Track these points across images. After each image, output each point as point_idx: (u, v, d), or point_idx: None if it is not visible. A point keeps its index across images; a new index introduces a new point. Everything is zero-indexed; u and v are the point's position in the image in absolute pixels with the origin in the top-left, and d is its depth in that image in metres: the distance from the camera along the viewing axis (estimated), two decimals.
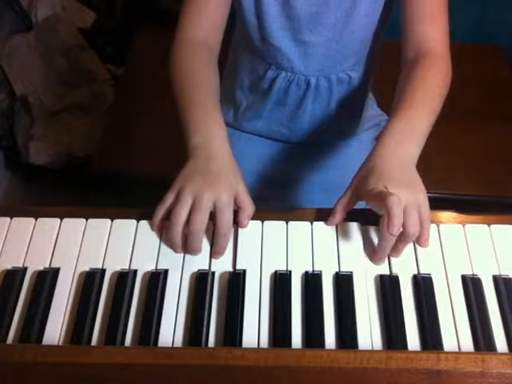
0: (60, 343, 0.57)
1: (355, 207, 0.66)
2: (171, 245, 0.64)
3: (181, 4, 0.80)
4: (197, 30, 0.79)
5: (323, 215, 0.66)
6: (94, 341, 0.57)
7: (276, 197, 1.02)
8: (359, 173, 0.66)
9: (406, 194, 0.60)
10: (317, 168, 1.02)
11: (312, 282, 0.60)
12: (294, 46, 0.84)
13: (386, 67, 0.79)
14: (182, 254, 0.64)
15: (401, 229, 0.59)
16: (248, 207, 0.65)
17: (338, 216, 0.65)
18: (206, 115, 0.70)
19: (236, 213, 0.64)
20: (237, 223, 0.65)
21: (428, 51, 0.76)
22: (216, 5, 0.80)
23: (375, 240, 0.64)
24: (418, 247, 0.63)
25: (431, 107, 0.71)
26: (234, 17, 0.87)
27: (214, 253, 0.63)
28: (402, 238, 0.60)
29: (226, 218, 0.62)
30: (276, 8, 0.80)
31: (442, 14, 0.77)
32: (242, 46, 0.91)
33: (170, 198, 0.64)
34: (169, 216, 0.63)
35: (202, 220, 0.61)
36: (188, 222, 0.61)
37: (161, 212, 0.64)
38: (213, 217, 0.62)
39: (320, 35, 0.82)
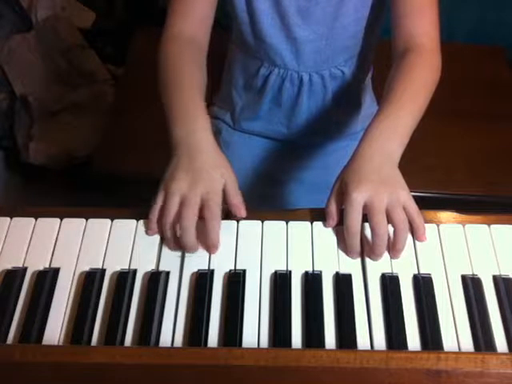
0: (60, 343, 0.57)
1: None
2: (167, 245, 0.64)
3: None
4: (184, 26, 0.79)
5: (323, 215, 0.66)
6: (94, 341, 0.57)
7: (276, 195, 1.02)
8: (341, 174, 0.66)
9: (386, 193, 0.61)
10: (318, 167, 1.02)
11: (312, 282, 0.60)
12: (285, 42, 0.84)
13: (387, 66, 0.79)
14: (182, 254, 0.64)
15: (390, 232, 0.61)
16: (234, 198, 0.64)
17: (333, 219, 0.65)
18: (187, 110, 0.70)
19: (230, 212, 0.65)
20: (237, 219, 0.65)
21: (417, 46, 0.76)
22: (203, 1, 0.80)
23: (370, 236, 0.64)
24: (418, 247, 0.63)
25: (417, 104, 0.71)
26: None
27: (208, 246, 0.63)
28: (395, 236, 0.61)
29: (212, 209, 0.62)
30: (266, 5, 0.81)
31: (432, 8, 0.77)
32: (236, 46, 0.92)
33: (159, 201, 0.64)
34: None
35: (190, 215, 0.61)
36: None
37: (154, 215, 0.64)
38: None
39: (310, 31, 0.82)
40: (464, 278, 0.61)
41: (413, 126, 0.69)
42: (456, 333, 0.57)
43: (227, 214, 0.66)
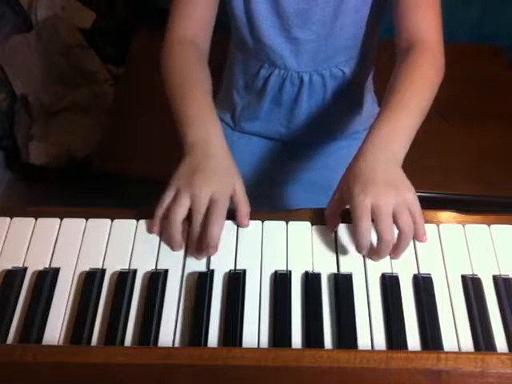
0: (60, 343, 0.57)
1: None
2: (169, 243, 0.64)
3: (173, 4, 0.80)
4: (185, 30, 0.79)
5: (323, 215, 0.66)
6: (94, 341, 0.57)
7: (277, 195, 1.02)
8: (345, 176, 0.66)
9: (393, 195, 0.60)
10: (317, 168, 1.02)
11: (312, 282, 0.60)
12: (285, 43, 0.84)
13: (388, 66, 0.79)
14: (182, 254, 0.64)
15: (395, 235, 0.60)
16: (244, 206, 0.65)
17: (332, 222, 0.65)
18: (201, 113, 0.70)
19: (234, 214, 0.65)
20: (237, 224, 0.65)
21: (420, 42, 0.75)
22: (204, 5, 0.80)
23: (374, 237, 0.64)
24: (418, 247, 0.63)
25: (420, 104, 0.70)
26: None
27: (207, 246, 0.62)
28: (400, 239, 0.60)
29: (217, 209, 0.61)
30: (265, 6, 0.80)
31: (435, 7, 0.76)
32: (236, 47, 0.92)
33: (168, 198, 0.64)
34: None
35: (199, 216, 0.61)
36: (188, 219, 0.62)
37: (160, 212, 0.64)
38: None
39: (310, 31, 0.82)
40: (464, 277, 0.61)
41: (416, 125, 0.69)
42: (456, 333, 0.57)
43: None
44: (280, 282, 0.60)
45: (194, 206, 0.62)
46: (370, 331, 0.57)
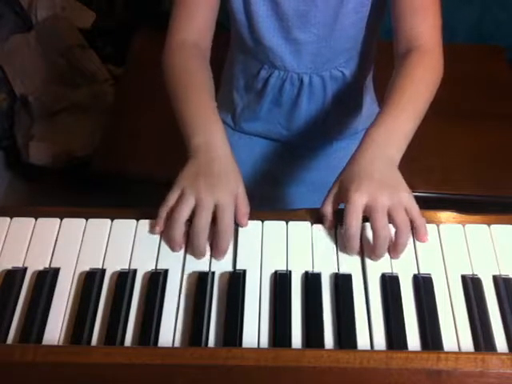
0: (60, 343, 0.57)
1: None
2: (170, 243, 0.64)
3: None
4: (188, 32, 0.79)
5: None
6: (94, 341, 0.57)
7: (277, 196, 1.02)
8: (343, 174, 0.66)
9: (389, 194, 0.61)
10: (319, 168, 1.02)
11: (312, 282, 0.60)
12: (284, 44, 0.84)
13: (388, 66, 0.79)
14: (182, 254, 0.64)
15: (392, 232, 0.61)
16: (243, 206, 0.65)
17: (330, 220, 0.65)
18: (205, 117, 0.70)
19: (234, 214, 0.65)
20: (237, 224, 0.65)
21: (418, 46, 0.75)
22: (206, 7, 0.80)
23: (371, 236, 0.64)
24: (418, 247, 0.63)
25: (417, 106, 0.71)
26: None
27: (216, 251, 0.63)
28: (397, 237, 0.61)
29: (227, 215, 0.62)
30: (264, 8, 0.80)
31: (434, 8, 0.76)
32: (236, 47, 0.92)
33: (172, 199, 0.64)
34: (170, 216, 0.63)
35: (205, 217, 0.61)
36: (190, 221, 0.62)
37: (164, 212, 0.64)
38: (213, 218, 0.62)
39: (310, 33, 0.82)
40: (464, 277, 0.61)
41: (413, 128, 0.69)
42: (456, 333, 0.57)
43: None
44: (280, 281, 0.60)
45: (197, 207, 0.62)
46: (369, 331, 0.57)
